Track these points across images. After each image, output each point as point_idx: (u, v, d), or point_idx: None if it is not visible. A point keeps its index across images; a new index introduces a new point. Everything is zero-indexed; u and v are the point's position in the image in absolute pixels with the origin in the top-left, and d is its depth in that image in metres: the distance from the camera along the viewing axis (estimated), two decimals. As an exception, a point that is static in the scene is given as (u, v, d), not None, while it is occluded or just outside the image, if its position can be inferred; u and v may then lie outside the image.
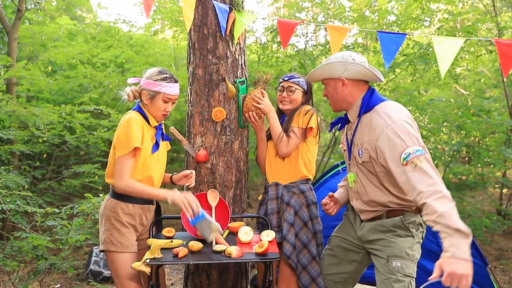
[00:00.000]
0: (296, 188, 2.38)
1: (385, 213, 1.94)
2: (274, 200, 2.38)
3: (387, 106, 1.85)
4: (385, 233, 1.93)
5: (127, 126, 1.96)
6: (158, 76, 2.05)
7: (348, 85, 1.95)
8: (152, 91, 2.04)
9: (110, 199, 2.06)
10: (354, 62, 1.91)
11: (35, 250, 3.00)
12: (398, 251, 1.87)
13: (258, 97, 2.40)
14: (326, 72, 1.96)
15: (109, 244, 2.00)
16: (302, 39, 6.00)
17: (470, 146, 5.27)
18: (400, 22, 5.47)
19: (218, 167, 2.48)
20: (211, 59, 2.49)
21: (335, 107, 2.04)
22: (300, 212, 2.34)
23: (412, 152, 1.67)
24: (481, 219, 4.67)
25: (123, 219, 2.02)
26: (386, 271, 1.88)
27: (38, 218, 2.98)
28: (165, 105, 2.07)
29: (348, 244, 2.13)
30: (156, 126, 2.11)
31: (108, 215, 2.03)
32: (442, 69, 2.43)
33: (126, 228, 2.02)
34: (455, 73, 5.43)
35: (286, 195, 2.36)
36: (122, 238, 2.00)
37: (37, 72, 4.65)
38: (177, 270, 3.90)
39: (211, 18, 2.49)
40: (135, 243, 2.06)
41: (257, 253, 1.98)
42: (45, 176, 5.09)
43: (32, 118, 4.18)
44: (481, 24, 5.41)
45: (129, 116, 2.00)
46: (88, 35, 6.78)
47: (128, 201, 2.03)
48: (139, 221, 2.09)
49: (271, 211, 2.37)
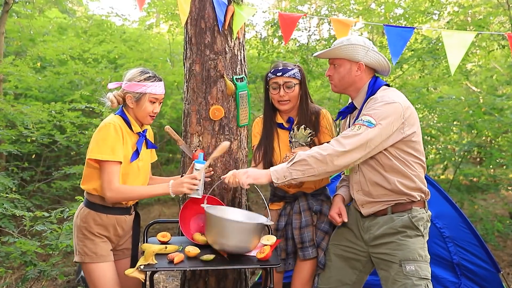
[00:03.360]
0: (323, 195, 2.32)
1: (390, 208, 1.95)
2: (307, 211, 2.25)
3: (389, 91, 1.99)
4: (394, 235, 1.93)
5: (105, 133, 1.93)
6: (141, 76, 2.02)
7: (362, 71, 2.02)
8: (137, 93, 2.01)
9: (83, 209, 2.03)
10: (374, 50, 2.00)
11: (24, 256, 3.00)
12: (411, 253, 1.88)
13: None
14: (348, 53, 1.99)
15: (83, 256, 1.99)
16: (304, 33, 6.03)
17: (482, 146, 5.28)
18: (408, 15, 5.48)
19: (216, 168, 2.48)
20: (208, 54, 2.49)
21: (339, 88, 2.09)
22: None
23: (365, 120, 1.86)
24: (493, 223, 4.67)
25: (94, 230, 2.00)
26: (400, 277, 1.87)
27: (26, 222, 2.99)
28: (152, 106, 2.04)
29: (349, 252, 2.12)
30: (139, 133, 2.07)
31: (80, 225, 2.01)
32: (452, 65, 2.43)
33: (98, 238, 2.01)
34: (465, 69, 5.43)
35: (316, 204, 2.27)
36: (96, 248, 1.99)
37: (26, 68, 4.65)
38: (173, 277, 3.90)
39: (208, 11, 2.49)
40: (110, 252, 2.04)
41: (258, 258, 1.98)
42: (34, 177, 5.10)
43: (20, 117, 4.18)
44: (493, 18, 5.41)
45: (109, 122, 1.96)
46: (79, 29, 6.78)
47: (101, 211, 2.00)
48: (114, 232, 2.06)
49: (305, 224, 2.23)
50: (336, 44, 2.02)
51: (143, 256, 1.95)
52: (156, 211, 6.08)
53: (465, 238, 2.90)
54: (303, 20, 5.90)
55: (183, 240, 2.21)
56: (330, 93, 6.68)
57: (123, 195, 1.96)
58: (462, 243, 2.89)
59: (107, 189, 1.92)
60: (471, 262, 2.86)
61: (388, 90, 1.99)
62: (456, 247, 2.87)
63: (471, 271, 2.85)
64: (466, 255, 2.87)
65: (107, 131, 1.93)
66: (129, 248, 2.15)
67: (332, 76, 2.08)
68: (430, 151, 5.70)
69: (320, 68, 5.76)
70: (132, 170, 2.03)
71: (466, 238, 2.90)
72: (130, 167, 2.02)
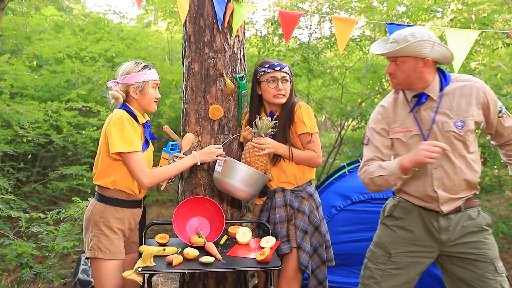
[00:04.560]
0: (304, 192, 2.36)
1: (463, 204, 1.95)
2: (283, 207, 2.32)
3: (460, 76, 2.02)
4: (479, 233, 1.94)
5: (121, 126, 2.01)
6: (138, 67, 2.14)
7: (429, 65, 1.93)
8: (140, 82, 2.12)
9: (98, 204, 2.09)
10: (439, 43, 1.92)
11: (19, 258, 3.00)
12: (496, 251, 1.93)
13: (258, 144, 2.25)
14: (415, 50, 1.90)
15: (97, 251, 2.02)
16: (305, 31, 6.00)
17: (486, 146, 5.27)
18: (411, 13, 5.47)
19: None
20: (207, 52, 2.49)
21: (404, 85, 1.98)
22: (312, 216, 2.32)
23: (500, 104, 1.99)
24: (498, 224, 4.66)
25: (113, 224, 2.05)
26: (493, 275, 1.90)
27: (22, 223, 2.98)
28: (155, 92, 2.17)
29: (417, 257, 2.01)
30: (144, 124, 2.16)
31: (97, 220, 2.05)
32: (456, 64, 2.43)
33: (115, 234, 2.06)
34: (469, 68, 5.42)
35: (295, 201, 2.33)
36: (111, 244, 2.04)
37: (21, 66, 4.65)
38: (172, 279, 3.90)
39: (207, 9, 2.49)
40: (123, 250, 2.10)
41: (258, 261, 1.98)
42: (30, 178, 5.09)
43: (15, 116, 4.18)
44: (497, 15, 5.41)
45: (120, 115, 2.04)
46: (76, 27, 6.77)
47: (118, 205, 2.08)
48: (128, 225, 2.13)
49: (279, 220, 2.31)
50: (401, 42, 1.90)
51: (141, 258, 1.95)
52: (154, 213, 6.07)
53: (469, 239, 2.89)
54: (304, 18, 5.90)
55: (182, 242, 2.21)
56: (331, 93, 6.69)
57: (158, 178, 2.09)
58: (466, 245, 2.88)
59: (143, 176, 2.03)
60: (475, 265, 2.85)
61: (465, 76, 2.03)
62: (460, 249, 2.86)
63: (475, 274, 2.84)
64: (470, 257, 2.86)
65: (122, 123, 2.02)
66: (136, 242, 2.22)
67: (394, 74, 1.96)
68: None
69: (321, 67, 5.76)
70: (145, 159, 2.11)
71: (470, 239, 2.89)
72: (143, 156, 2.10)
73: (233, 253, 2.13)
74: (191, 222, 2.28)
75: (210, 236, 2.23)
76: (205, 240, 2.13)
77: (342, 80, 5.94)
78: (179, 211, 2.24)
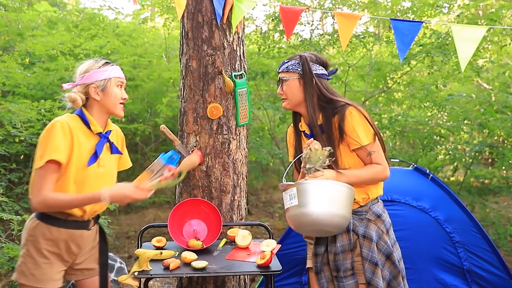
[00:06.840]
0: (370, 213, 1.94)
1: None
2: (345, 234, 1.90)
3: None
4: None
5: (49, 133, 1.78)
6: (98, 64, 1.92)
7: None
8: (102, 80, 1.88)
9: (33, 219, 1.87)
10: None
11: (11, 262, 3.00)
12: None
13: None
14: None
15: (19, 275, 1.81)
16: (307, 27, 6.05)
17: (494, 147, 5.27)
18: (416, 8, 5.47)
19: (214, 169, 2.48)
20: (206, 49, 2.49)
21: None
22: (381, 243, 1.92)
23: None
24: (506, 227, 4.67)
25: (42, 245, 1.81)
26: None
27: (14, 226, 2.98)
28: (120, 91, 1.93)
29: None
30: (100, 134, 1.91)
31: (26, 238, 1.84)
32: (463, 61, 2.43)
33: (43, 258, 1.81)
34: (477, 66, 5.42)
35: (359, 225, 1.92)
36: (36, 269, 1.80)
37: (13, 64, 4.65)
38: (169, 284, 3.90)
39: (206, 4, 2.49)
40: (55, 276, 1.84)
41: (258, 264, 1.99)
42: (22, 179, 5.09)
43: (7, 115, 4.17)
44: (506, 11, 5.40)
45: (55, 120, 1.80)
46: (70, 23, 6.77)
47: (51, 223, 1.82)
48: (66, 249, 1.86)
49: (341, 249, 1.89)
50: None
51: (137, 262, 1.95)
52: (151, 215, 6.07)
53: (476, 243, 2.90)
54: (305, 13, 5.90)
55: (179, 245, 2.21)
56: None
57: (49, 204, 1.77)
58: (473, 249, 2.89)
59: (35, 194, 1.77)
60: (483, 269, 2.86)
61: None
62: (466, 252, 2.87)
63: (482, 278, 2.85)
64: (477, 261, 2.87)
65: (50, 132, 1.78)
66: (91, 269, 1.99)
67: None
68: (439, 152, 5.70)
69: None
70: (89, 176, 1.85)
71: (477, 243, 2.90)
72: (86, 172, 1.84)
73: (232, 256, 2.13)
74: (188, 225, 2.28)
75: (207, 238, 2.23)
76: (202, 244, 2.14)
77: (345, 78, 5.94)
78: (175, 214, 2.24)
